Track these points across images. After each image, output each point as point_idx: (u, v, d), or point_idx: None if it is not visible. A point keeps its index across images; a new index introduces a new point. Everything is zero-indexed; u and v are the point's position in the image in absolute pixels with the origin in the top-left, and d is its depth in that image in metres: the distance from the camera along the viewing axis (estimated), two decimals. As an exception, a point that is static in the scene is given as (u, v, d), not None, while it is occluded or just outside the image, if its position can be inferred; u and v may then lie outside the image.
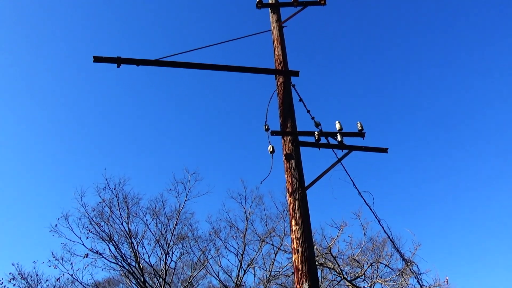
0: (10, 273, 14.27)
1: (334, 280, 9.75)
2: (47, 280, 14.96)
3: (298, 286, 4.88)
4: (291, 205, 5.41)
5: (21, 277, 14.03)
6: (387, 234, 5.22)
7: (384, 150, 6.24)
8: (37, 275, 14.54)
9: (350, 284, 9.32)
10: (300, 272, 4.88)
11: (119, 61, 5.88)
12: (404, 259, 5.13)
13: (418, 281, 5.11)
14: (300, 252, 4.98)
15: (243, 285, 16.31)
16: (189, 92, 61.79)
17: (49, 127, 57.68)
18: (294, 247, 5.11)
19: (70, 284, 16.05)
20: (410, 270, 5.20)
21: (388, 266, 10.14)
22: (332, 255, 8.74)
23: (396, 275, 8.80)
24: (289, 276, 10.02)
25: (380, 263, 10.37)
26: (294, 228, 5.20)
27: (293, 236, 5.18)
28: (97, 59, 5.86)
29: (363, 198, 5.70)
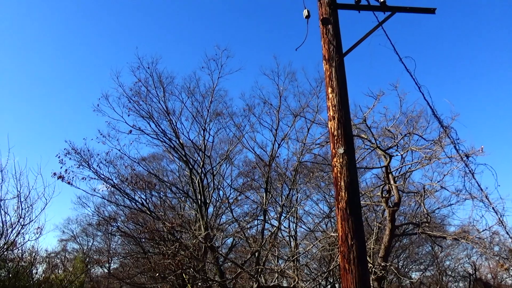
0: (64, 149, 15.67)
1: (367, 149, 9.98)
2: (98, 155, 16.35)
3: (333, 151, 5.01)
4: (328, 73, 5.24)
5: (75, 152, 15.40)
6: (426, 100, 5.06)
7: (431, 11, 5.65)
8: (88, 150, 15.89)
9: (383, 152, 9.57)
10: (336, 137, 4.96)
11: None
12: (442, 125, 5.05)
13: (454, 147, 5.10)
14: (336, 119, 4.99)
15: (277, 156, 17.25)
16: (214, -37, 57.12)
17: (79, 12, 56.62)
18: (330, 114, 5.10)
19: (119, 159, 17.51)
20: (448, 136, 5.18)
21: (422, 137, 10.15)
22: (366, 125, 8.80)
23: (431, 143, 8.87)
24: (323, 146, 10.35)
25: (415, 134, 10.40)
26: (330, 95, 5.12)
27: (329, 104, 5.13)
28: None
29: (403, 64, 5.41)
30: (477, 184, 6.10)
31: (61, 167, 14.49)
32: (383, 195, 9.88)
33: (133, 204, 18.05)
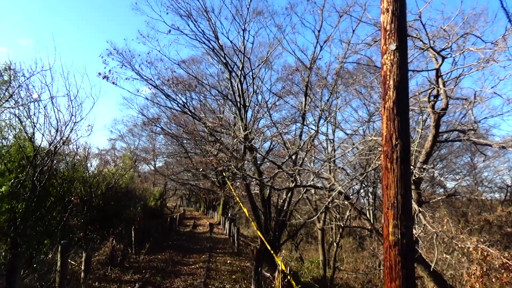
0: (107, 49, 15.85)
1: (419, 49, 9.28)
2: (139, 55, 16.51)
3: (384, 47, 4.68)
4: (385, -43, 4.65)
5: (117, 53, 15.54)
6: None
7: None
8: (129, 51, 16.04)
9: (435, 54, 8.91)
10: (388, 33, 4.59)
11: None
12: (509, 18, 4.48)
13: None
14: (390, 11, 4.56)
15: (319, 58, 16.60)
16: None
17: None
18: (383, 6, 4.65)
19: (159, 62, 17.61)
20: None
21: (481, 38, 9.23)
22: (421, 22, 7.99)
23: (492, 43, 8.07)
24: (370, 46, 9.70)
25: (472, 34, 9.47)
26: (385, -16, 4.61)
27: (384, -6, 4.65)
28: None
29: None
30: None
31: (104, 68, 14.85)
32: (430, 100, 9.47)
33: (174, 105, 18.56)
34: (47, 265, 8.73)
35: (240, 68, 16.70)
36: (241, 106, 16.89)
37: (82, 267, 9.42)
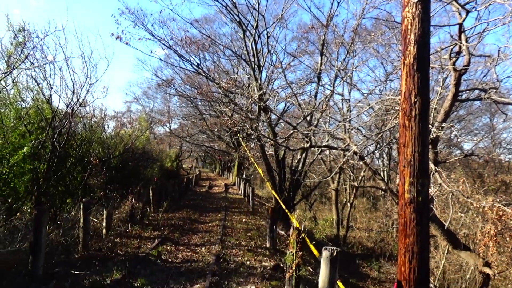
0: (118, 9, 15.60)
1: (442, 2, 8.84)
2: (151, 15, 16.19)
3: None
4: None
5: (129, 12, 15.29)
6: None
7: None
8: (141, 10, 15.75)
9: (459, 7, 8.49)
10: (410, -17, 4.37)
11: None
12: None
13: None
14: (413, -40, 4.32)
15: (336, 15, 15.99)
16: None
17: None
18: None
19: (172, 21, 17.28)
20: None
21: (509, -10, 8.73)
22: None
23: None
24: (390, 0, 9.26)
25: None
26: None
27: None
28: None
29: None
30: None
31: (117, 28, 14.73)
32: (451, 57, 9.13)
33: (188, 66, 18.41)
34: (70, 222, 9.10)
35: (254, 27, 16.28)
36: (256, 66, 16.64)
37: (104, 224, 9.81)
